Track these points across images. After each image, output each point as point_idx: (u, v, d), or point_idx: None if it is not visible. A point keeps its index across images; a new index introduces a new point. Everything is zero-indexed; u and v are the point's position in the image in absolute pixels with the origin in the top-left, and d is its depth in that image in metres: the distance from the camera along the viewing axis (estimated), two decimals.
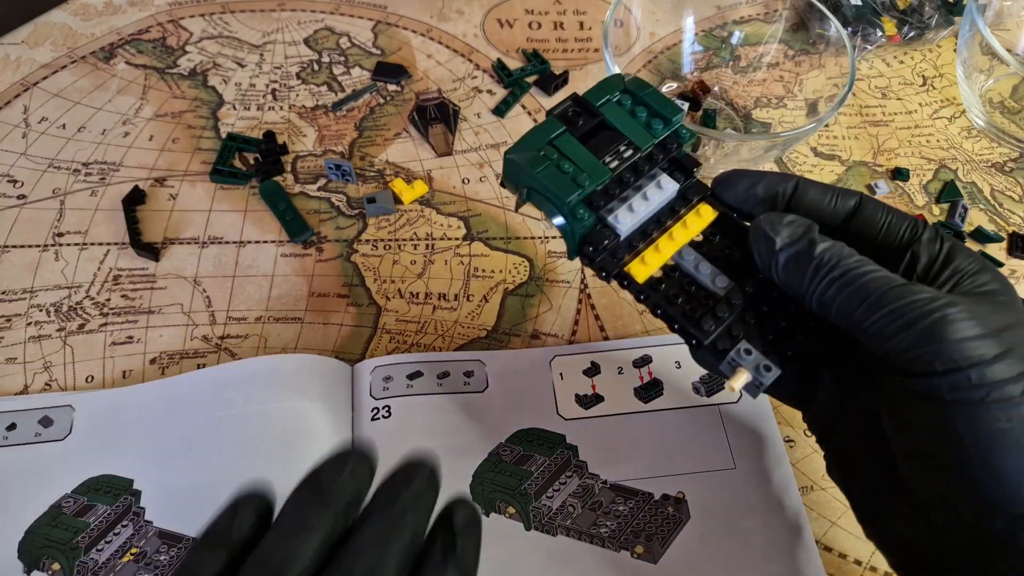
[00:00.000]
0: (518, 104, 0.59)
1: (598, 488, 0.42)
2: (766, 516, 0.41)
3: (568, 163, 0.32)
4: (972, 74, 0.59)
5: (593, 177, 0.32)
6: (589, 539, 0.40)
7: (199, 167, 0.54)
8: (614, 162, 0.33)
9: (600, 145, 0.33)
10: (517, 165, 0.32)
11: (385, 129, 0.57)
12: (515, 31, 0.64)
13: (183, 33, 0.61)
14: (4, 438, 0.41)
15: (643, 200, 0.32)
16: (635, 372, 0.46)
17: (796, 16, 0.58)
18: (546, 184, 0.31)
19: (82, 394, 0.43)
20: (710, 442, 0.43)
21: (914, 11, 0.64)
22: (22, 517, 0.39)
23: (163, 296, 0.48)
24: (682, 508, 0.41)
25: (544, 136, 0.33)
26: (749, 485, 0.42)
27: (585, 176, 0.32)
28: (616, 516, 0.41)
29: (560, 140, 0.33)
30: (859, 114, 0.61)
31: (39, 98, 0.56)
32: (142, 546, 0.38)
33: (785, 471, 0.43)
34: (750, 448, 0.43)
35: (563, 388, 0.45)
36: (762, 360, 0.30)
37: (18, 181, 0.52)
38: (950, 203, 0.56)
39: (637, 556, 0.40)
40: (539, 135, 0.33)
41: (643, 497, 0.41)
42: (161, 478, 0.40)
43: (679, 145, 0.34)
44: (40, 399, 0.43)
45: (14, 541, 0.38)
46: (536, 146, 0.32)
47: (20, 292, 0.47)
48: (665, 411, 0.44)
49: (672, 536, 0.40)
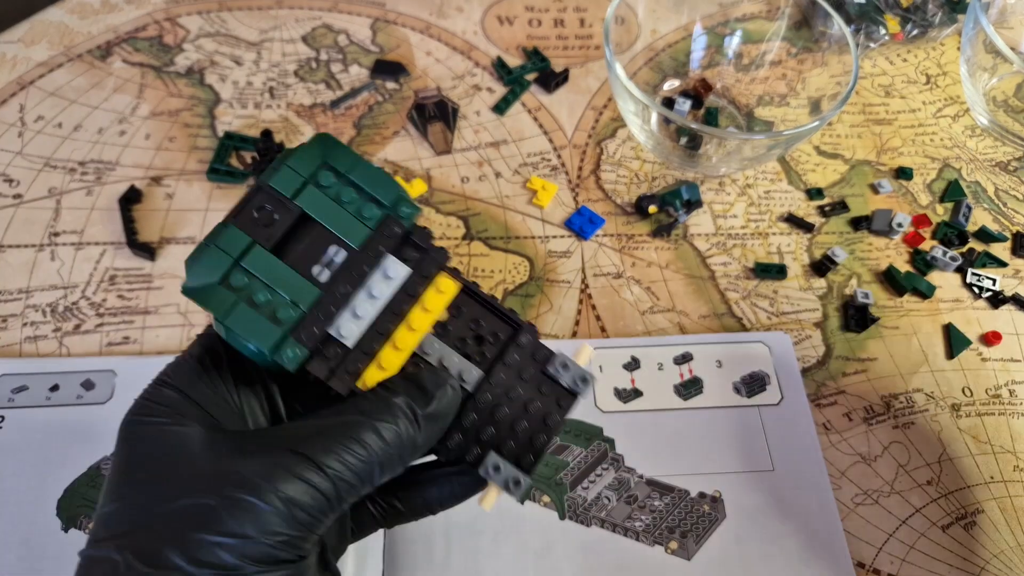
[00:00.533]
0: (518, 102, 0.59)
1: (634, 482, 0.42)
2: (802, 520, 0.41)
3: (264, 290, 0.26)
4: (976, 72, 0.59)
5: (297, 304, 0.26)
6: (623, 532, 0.40)
7: (196, 166, 0.53)
8: (323, 272, 0.27)
9: (304, 252, 0.27)
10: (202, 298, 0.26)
11: (383, 127, 0.56)
12: (515, 28, 0.64)
13: (180, 31, 0.61)
14: (47, 398, 0.42)
15: (368, 299, 0.27)
16: (675, 369, 0.46)
17: (799, 13, 0.57)
18: (239, 334, 0.25)
19: (125, 360, 0.44)
20: (749, 443, 0.43)
21: (917, 9, 0.64)
22: (62, 476, 0.40)
23: (159, 296, 0.47)
24: (718, 507, 0.41)
25: (226, 256, 0.26)
26: (787, 488, 0.42)
27: (287, 307, 0.26)
28: (651, 511, 0.41)
29: (249, 258, 0.26)
30: (862, 112, 0.60)
31: (35, 97, 0.56)
32: None
33: (822, 476, 0.42)
34: (789, 451, 0.43)
35: (602, 381, 0.45)
36: (512, 474, 0.28)
37: (14, 180, 0.51)
38: (954, 202, 0.55)
39: (671, 552, 0.40)
40: (219, 256, 0.26)
41: (679, 493, 0.42)
42: None
43: (401, 226, 0.28)
44: (83, 362, 0.44)
45: (53, 498, 0.40)
46: (219, 271, 0.26)
47: (16, 292, 0.47)
48: (704, 409, 0.45)
49: (707, 534, 0.40)
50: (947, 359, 0.48)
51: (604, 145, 0.57)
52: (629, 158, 0.56)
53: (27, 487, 0.40)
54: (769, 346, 0.47)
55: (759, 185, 0.55)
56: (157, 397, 0.26)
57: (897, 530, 0.42)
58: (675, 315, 0.49)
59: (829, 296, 0.50)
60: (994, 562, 0.41)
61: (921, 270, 0.51)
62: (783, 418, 0.44)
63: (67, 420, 0.42)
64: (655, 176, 0.55)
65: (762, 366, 0.46)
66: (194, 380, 0.27)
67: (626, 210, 0.53)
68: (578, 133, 0.57)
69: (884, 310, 0.50)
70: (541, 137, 0.57)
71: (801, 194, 0.55)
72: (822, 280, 0.51)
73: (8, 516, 0.39)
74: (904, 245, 0.53)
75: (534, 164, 0.55)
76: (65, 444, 0.41)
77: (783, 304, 0.50)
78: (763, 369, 0.46)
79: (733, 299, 0.50)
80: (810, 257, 0.52)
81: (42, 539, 0.38)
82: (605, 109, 0.59)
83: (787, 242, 0.52)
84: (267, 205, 0.27)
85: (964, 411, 0.46)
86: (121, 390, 0.43)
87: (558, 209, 0.53)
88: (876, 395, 0.46)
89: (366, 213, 0.28)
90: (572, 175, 0.55)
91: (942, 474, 0.44)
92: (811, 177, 0.56)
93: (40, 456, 0.41)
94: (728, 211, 0.54)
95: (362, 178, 0.28)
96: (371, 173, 0.28)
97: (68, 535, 0.39)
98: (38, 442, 0.41)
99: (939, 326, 0.49)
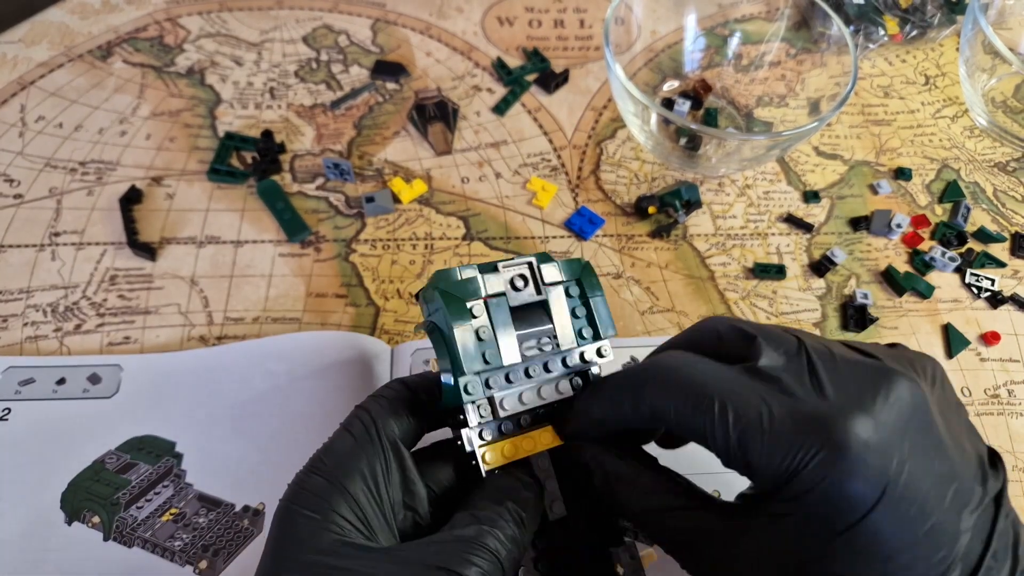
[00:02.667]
0: (518, 103, 0.59)
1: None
2: None
3: (488, 331, 0.30)
4: (975, 73, 0.59)
5: (504, 359, 0.30)
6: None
7: (196, 166, 0.53)
8: (532, 351, 0.31)
9: (528, 324, 0.31)
10: (441, 303, 0.30)
11: (384, 128, 0.56)
12: (515, 29, 0.64)
13: (181, 31, 0.61)
14: (53, 392, 0.43)
15: (535, 395, 0.31)
16: None
17: (798, 14, 0.57)
18: (456, 346, 0.29)
19: (130, 356, 0.44)
20: None
21: (916, 10, 0.64)
22: (66, 469, 0.40)
23: (160, 296, 0.47)
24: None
25: (482, 288, 0.30)
26: None
27: (497, 355, 0.30)
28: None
29: (495, 303, 0.31)
30: (861, 113, 0.61)
31: (36, 97, 0.56)
32: (182, 507, 0.39)
33: None
34: None
35: None
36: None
37: (15, 180, 0.52)
38: (953, 203, 0.55)
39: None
40: (477, 285, 0.30)
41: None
42: (203, 443, 0.41)
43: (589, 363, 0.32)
44: (89, 358, 0.44)
45: (57, 492, 0.40)
46: (472, 294, 0.30)
47: (16, 292, 0.47)
48: None
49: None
50: (946, 359, 0.48)
51: (604, 146, 0.57)
52: (629, 159, 0.56)
53: (31, 480, 0.40)
54: None
55: (758, 186, 0.55)
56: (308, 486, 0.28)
57: None
58: (675, 315, 0.49)
59: (828, 296, 0.50)
60: None
61: (920, 270, 0.52)
62: None
63: (73, 414, 0.42)
64: (655, 177, 0.55)
65: None
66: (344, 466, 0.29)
67: (626, 210, 0.53)
68: (578, 134, 0.57)
69: (883, 310, 0.50)
70: (541, 138, 0.57)
71: (798, 195, 0.55)
72: (821, 280, 0.51)
73: (12, 509, 0.39)
74: (903, 245, 0.53)
75: (534, 164, 0.55)
76: (70, 438, 0.41)
77: (782, 304, 0.50)
78: None
79: (732, 299, 0.50)
80: (809, 257, 0.52)
81: (45, 532, 0.38)
82: (605, 110, 0.59)
83: (786, 242, 0.53)
84: (526, 277, 0.31)
85: None
86: (127, 384, 0.43)
87: (558, 209, 0.53)
88: None
89: (584, 333, 0.32)
90: (572, 175, 0.55)
91: None
92: (810, 178, 0.56)
93: (45, 449, 0.41)
94: (727, 211, 0.54)
95: (598, 307, 0.32)
96: (605, 309, 0.33)
97: (71, 528, 0.39)
98: (43, 435, 0.41)
99: (938, 326, 0.50)
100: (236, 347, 0.45)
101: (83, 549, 0.38)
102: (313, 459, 0.29)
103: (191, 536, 0.39)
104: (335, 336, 0.45)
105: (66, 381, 0.43)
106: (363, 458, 0.29)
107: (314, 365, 0.44)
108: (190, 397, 0.43)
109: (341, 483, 0.28)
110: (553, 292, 0.32)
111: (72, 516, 0.39)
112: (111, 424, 0.42)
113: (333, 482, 0.28)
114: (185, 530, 0.39)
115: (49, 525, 0.39)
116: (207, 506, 0.40)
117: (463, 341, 0.29)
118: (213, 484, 0.40)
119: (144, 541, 0.39)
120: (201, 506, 0.40)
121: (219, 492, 0.40)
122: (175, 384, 0.43)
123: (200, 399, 0.43)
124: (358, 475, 0.28)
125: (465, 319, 0.30)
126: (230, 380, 0.43)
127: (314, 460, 0.29)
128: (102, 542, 0.38)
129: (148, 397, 0.43)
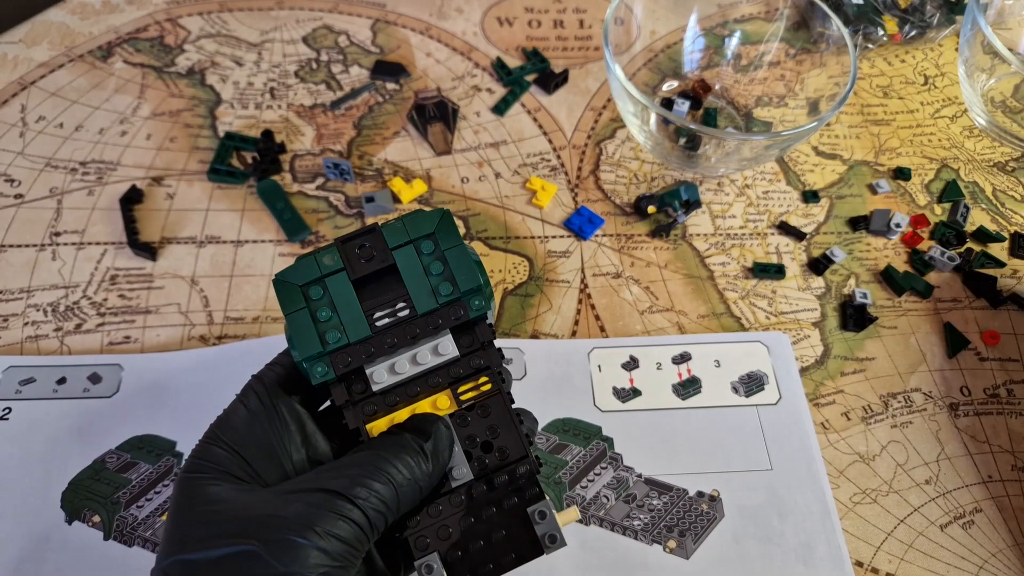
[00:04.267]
0: (518, 103, 0.59)
1: (632, 481, 0.42)
2: (800, 519, 0.41)
3: (328, 310, 0.30)
4: (974, 73, 0.59)
5: (348, 334, 0.30)
6: (622, 530, 0.40)
7: (197, 166, 0.53)
8: (384, 319, 0.30)
9: (377, 293, 0.31)
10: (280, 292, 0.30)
11: (384, 128, 0.57)
12: (515, 29, 0.64)
13: (181, 32, 0.61)
14: (54, 391, 0.43)
15: (411, 361, 0.30)
16: (674, 368, 0.46)
17: (797, 15, 0.57)
18: (291, 331, 0.30)
19: (131, 356, 0.44)
20: (747, 442, 0.43)
21: (915, 10, 0.64)
22: (66, 468, 0.41)
23: (160, 296, 0.47)
24: (716, 506, 0.41)
25: (318, 268, 0.30)
26: (784, 487, 0.42)
27: (338, 332, 0.30)
28: (650, 509, 0.41)
29: (334, 279, 0.30)
30: (860, 113, 0.61)
31: (36, 97, 0.56)
32: None
33: (821, 475, 0.43)
34: (787, 450, 0.43)
35: (601, 380, 0.45)
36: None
37: (15, 180, 0.52)
38: (952, 203, 0.55)
39: (669, 550, 0.40)
40: (313, 266, 0.30)
41: (677, 493, 0.42)
42: None
43: (466, 313, 0.31)
44: (89, 357, 0.44)
45: (58, 491, 0.40)
46: (308, 276, 0.30)
47: (17, 292, 0.47)
48: (703, 408, 0.45)
49: (705, 533, 0.41)
50: (946, 358, 0.48)
51: (603, 146, 0.57)
52: (628, 158, 0.56)
53: (32, 479, 0.40)
54: (767, 346, 0.47)
55: (758, 185, 0.55)
56: (205, 455, 0.29)
57: (895, 529, 0.42)
58: (674, 315, 0.49)
59: (827, 296, 0.50)
60: (992, 561, 0.41)
61: (919, 270, 0.52)
62: (781, 417, 0.44)
63: (73, 413, 0.42)
64: (654, 176, 0.56)
65: (760, 366, 0.46)
66: (240, 435, 0.29)
67: (625, 210, 0.54)
68: (577, 134, 0.57)
69: (882, 310, 0.50)
70: (540, 138, 0.57)
71: (798, 195, 0.55)
72: (820, 280, 0.51)
73: (13, 507, 0.39)
74: (902, 245, 0.53)
75: (534, 164, 0.55)
76: (71, 437, 0.41)
77: (781, 304, 0.50)
78: (761, 369, 0.46)
79: (732, 299, 0.50)
80: (808, 257, 0.52)
81: (46, 531, 0.39)
82: (604, 110, 0.59)
83: (785, 242, 0.53)
84: (369, 244, 0.31)
85: (962, 410, 0.46)
86: (128, 384, 0.43)
87: (557, 209, 0.53)
88: (874, 394, 0.46)
89: (443, 290, 0.31)
90: (571, 175, 0.55)
91: (940, 473, 0.44)
92: (810, 177, 0.56)
93: (45, 448, 0.41)
94: (727, 211, 0.54)
95: (454, 260, 0.31)
96: (464, 259, 0.31)
97: (72, 527, 0.39)
98: (44, 434, 0.41)
99: (937, 326, 0.50)
100: (237, 346, 0.45)
101: (83, 548, 0.38)
102: (209, 431, 0.30)
103: None
104: None
105: (66, 380, 0.43)
106: (257, 424, 0.29)
107: None
108: (190, 396, 0.43)
109: (239, 453, 0.29)
110: (401, 252, 0.31)
111: (72, 515, 0.39)
112: (111, 423, 0.42)
113: (230, 452, 0.29)
114: None
115: (49, 524, 0.39)
116: None
117: (296, 327, 0.30)
118: None
119: (144, 540, 0.39)
120: None
121: None
122: (175, 383, 0.43)
123: (200, 399, 0.43)
124: (253, 443, 0.29)
125: (297, 303, 0.30)
126: (231, 379, 0.43)
127: (210, 432, 0.30)
128: (102, 541, 0.39)
129: (148, 396, 0.43)
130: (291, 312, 0.30)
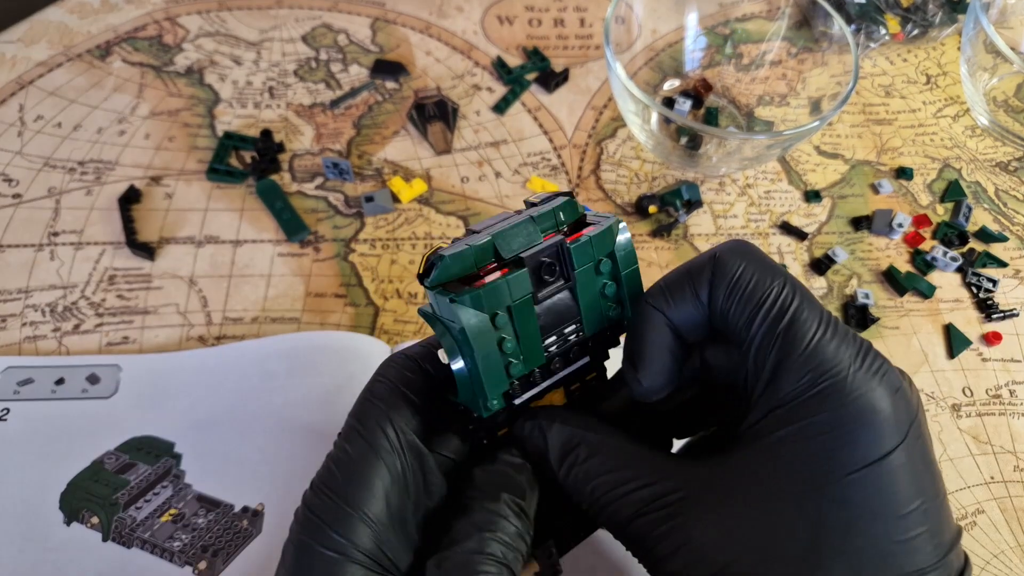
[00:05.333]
0: (518, 102, 0.59)
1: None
2: None
3: (511, 340, 0.26)
4: (976, 72, 0.58)
5: (526, 364, 0.27)
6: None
7: (195, 166, 0.53)
8: (555, 345, 0.28)
9: (552, 316, 0.27)
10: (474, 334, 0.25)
11: (383, 127, 0.56)
12: (515, 28, 0.63)
13: (180, 31, 0.61)
14: (52, 392, 0.43)
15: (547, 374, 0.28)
16: None
17: (799, 13, 0.57)
18: (479, 369, 0.26)
19: (129, 356, 0.44)
20: None
21: (918, 9, 0.64)
22: (65, 469, 0.40)
23: (159, 296, 0.47)
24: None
25: (507, 294, 0.26)
26: None
27: (519, 364, 0.26)
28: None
29: (520, 306, 0.26)
30: (862, 112, 0.60)
31: (35, 96, 0.56)
32: (181, 508, 0.39)
33: None
34: None
35: None
36: None
37: (13, 180, 0.51)
38: (954, 202, 0.55)
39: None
40: (504, 292, 0.26)
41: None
42: (202, 443, 0.41)
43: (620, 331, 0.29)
44: (88, 358, 0.44)
45: (56, 492, 0.40)
46: (496, 306, 0.25)
47: (15, 292, 0.47)
48: None
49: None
50: (947, 359, 0.48)
51: (604, 145, 0.57)
52: (629, 158, 0.56)
53: (30, 480, 0.40)
54: None
55: (759, 185, 0.55)
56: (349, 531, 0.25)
57: None
58: None
59: (829, 296, 0.50)
60: (994, 562, 0.41)
61: (921, 270, 0.51)
62: None
63: (72, 414, 0.42)
64: (655, 176, 0.55)
65: None
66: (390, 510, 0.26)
67: (626, 210, 0.53)
68: (578, 133, 0.57)
69: (884, 310, 0.50)
70: (541, 137, 0.57)
71: (799, 194, 0.55)
72: (822, 280, 0.51)
73: (11, 509, 0.39)
74: (904, 245, 0.53)
75: (534, 164, 0.55)
76: (69, 438, 0.41)
77: None
78: None
79: None
80: (810, 257, 0.52)
81: (44, 532, 0.38)
82: (605, 109, 0.59)
83: (787, 242, 0.52)
84: (555, 264, 0.27)
85: (964, 411, 0.46)
86: (126, 384, 0.43)
87: None
88: None
89: (611, 313, 0.29)
90: (572, 175, 0.55)
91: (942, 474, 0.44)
92: (811, 177, 0.56)
93: (44, 449, 0.41)
94: (728, 211, 0.54)
95: (630, 282, 0.29)
96: (638, 282, 0.29)
97: (70, 528, 0.39)
98: (42, 435, 0.41)
99: (939, 326, 0.49)
100: (235, 347, 0.45)
101: (82, 549, 0.38)
102: (321, 476, 0.26)
103: (190, 536, 0.38)
104: (334, 336, 0.45)
105: (65, 381, 0.43)
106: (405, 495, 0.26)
107: (313, 365, 0.43)
108: (189, 397, 0.43)
109: (360, 508, 0.25)
110: (582, 275, 0.27)
111: (71, 516, 0.39)
112: (110, 424, 0.42)
113: (351, 506, 0.25)
114: (184, 530, 0.39)
115: (48, 525, 0.38)
116: (206, 506, 0.39)
117: (489, 364, 0.26)
118: (212, 484, 0.40)
119: (143, 542, 0.38)
120: (200, 506, 0.39)
121: (218, 492, 0.40)
122: (174, 384, 0.43)
123: (199, 399, 0.43)
124: (398, 520, 0.26)
125: (491, 341, 0.26)
126: (229, 380, 0.43)
127: (323, 478, 0.26)
128: (101, 542, 0.38)
129: (147, 397, 0.43)
130: (487, 352, 0.25)
